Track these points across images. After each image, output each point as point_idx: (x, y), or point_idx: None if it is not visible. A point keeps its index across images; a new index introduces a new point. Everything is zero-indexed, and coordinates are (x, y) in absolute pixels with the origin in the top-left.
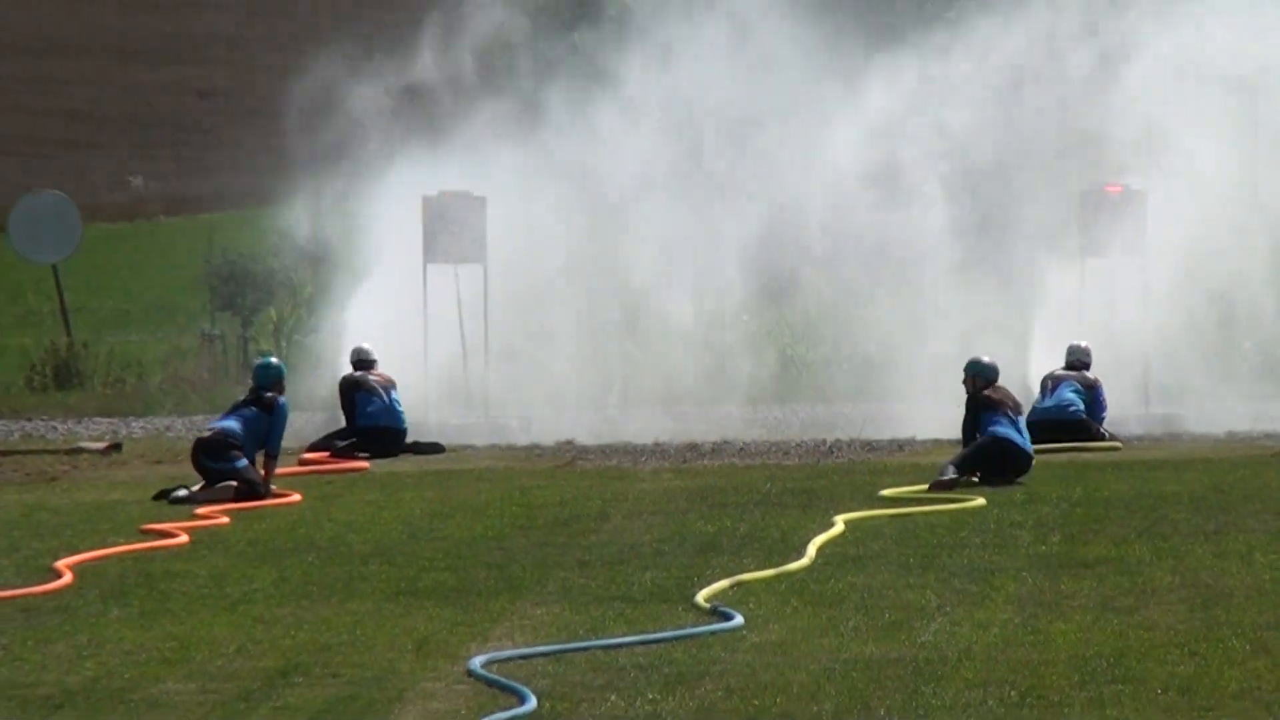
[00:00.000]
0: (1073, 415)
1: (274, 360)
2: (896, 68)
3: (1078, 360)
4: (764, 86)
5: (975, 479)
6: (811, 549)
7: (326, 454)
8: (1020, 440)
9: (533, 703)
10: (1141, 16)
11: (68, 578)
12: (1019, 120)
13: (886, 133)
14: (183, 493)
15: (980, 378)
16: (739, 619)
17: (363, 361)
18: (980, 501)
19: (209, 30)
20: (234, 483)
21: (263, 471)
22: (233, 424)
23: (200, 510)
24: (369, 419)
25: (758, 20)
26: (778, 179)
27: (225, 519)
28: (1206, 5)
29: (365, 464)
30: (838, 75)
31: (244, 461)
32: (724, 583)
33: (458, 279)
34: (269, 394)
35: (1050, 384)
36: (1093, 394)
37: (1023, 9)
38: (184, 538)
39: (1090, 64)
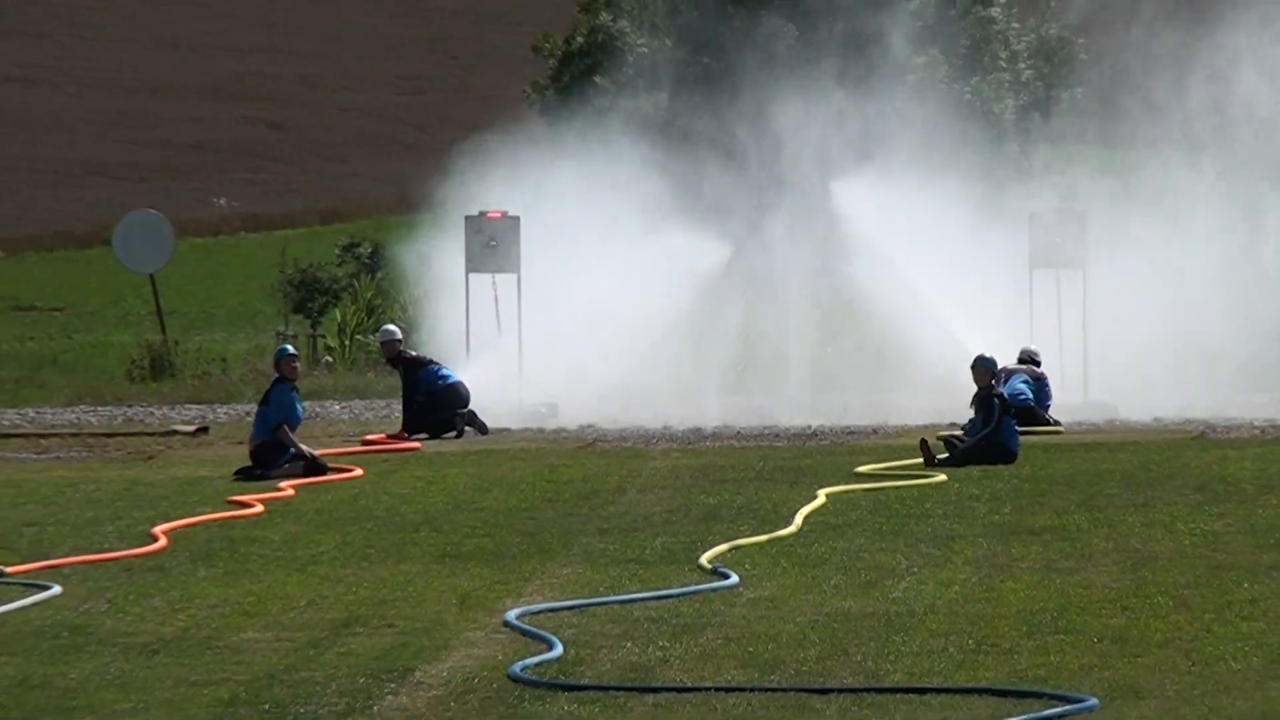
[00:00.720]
0: (1022, 403)
1: (286, 345)
2: None
3: (1028, 357)
4: None
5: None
6: (798, 518)
7: (385, 437)
8: (1015, 441)
9: (559, 649)
10: None
11: (163, 542)
12: None
13: None
14: (258, 471)
15: (990, 371)
16: (735, 578)
17: (400, 340)
18: (942, 478)
19: (279, 72)
20: (301, 462)
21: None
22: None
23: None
24: (444, 379)
25: None
26: None
27: (292, 491)
28: None
29: (417, 445)
30: None
31: (290, 452)
32: (723, 547)
33: (495, 286)
34: (278, 378)
35: (1004, 375)
36: (1040, 386)
37: None
38: (259, 508)
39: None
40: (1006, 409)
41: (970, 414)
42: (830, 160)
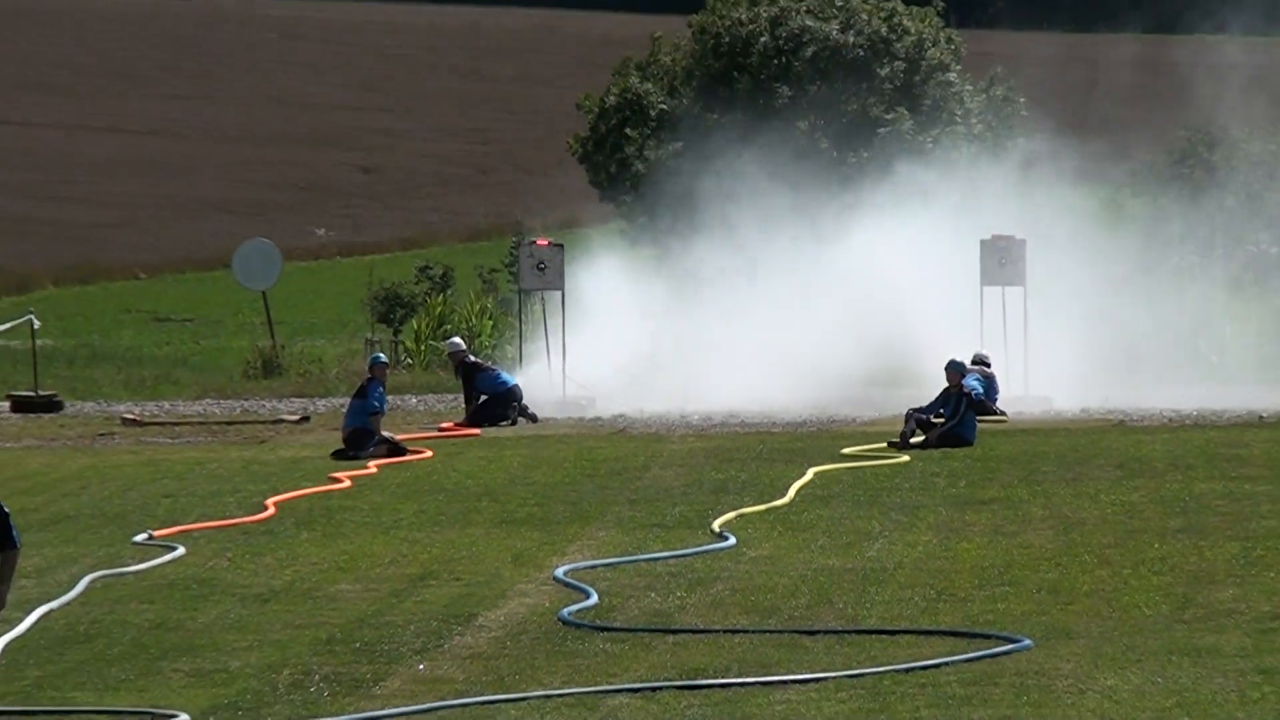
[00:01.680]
0: (975, 397)
1: (379, 354)
2: None
3: (980, 359)
4: None
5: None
6: (792, 491)
7: (453, 424)
8: (972, 431)
9: (595, 598)
10: None
11: (272, 510)
12: None
13: None
14: (350, 453)
15: (959, 373)
16: (733, 540)
17: (465, 350)
18: (906, 459)
19: (368, 125)
20: (385, 445)
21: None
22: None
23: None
24: (503, 384)
25: None
26: None
27: (376, 469)
28: None
29: (477, 430)
30: None
31: (375, 439)
32: (730, 515)
33: (544, 304)
34: (370, 378)
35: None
36: (989, 383)
37: None
38: (348, 483)
39: None
40: (971, 405)
41: (928, 400)
42: (819, 194)
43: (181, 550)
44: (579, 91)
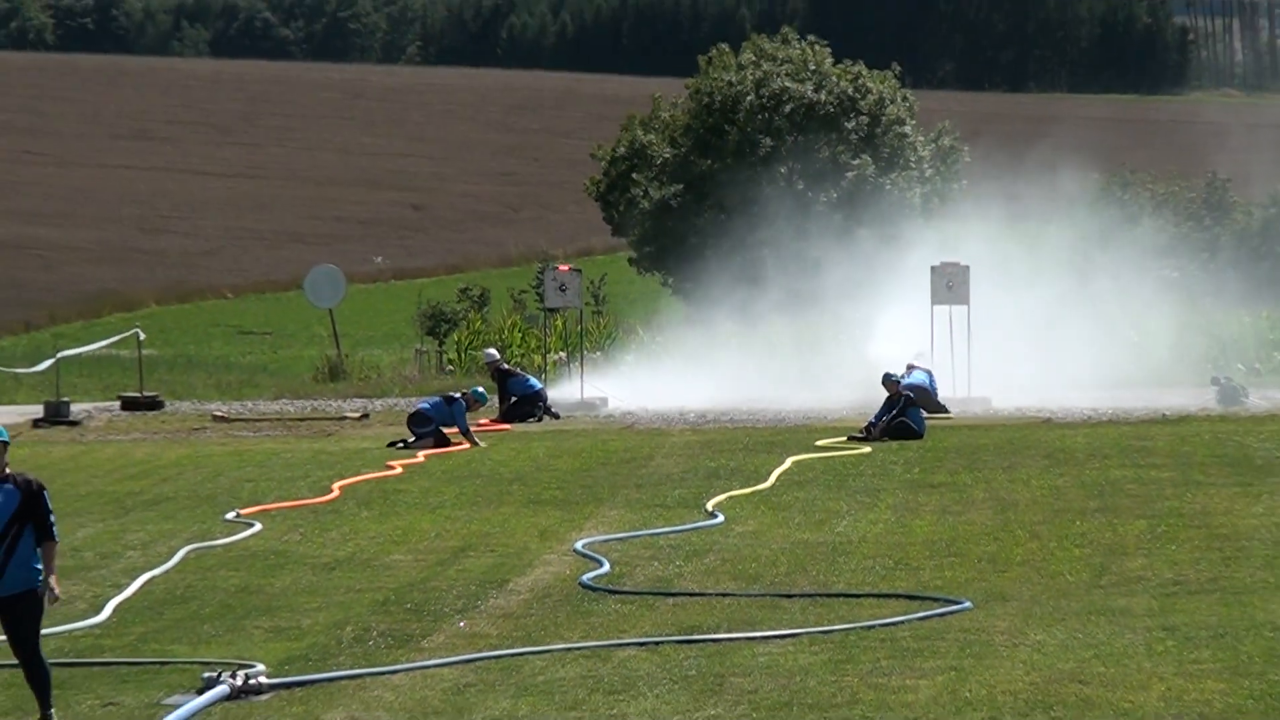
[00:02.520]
0: (920, 387)
1: (478, 388)
2: None
3: (924, 360)
4: None
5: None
6: (773, 476)
7: (489, 421)
8: (921, 425)
9: (607, 566)
10: None
11: (337, 493)
12: None
13: None
14: (402, 443)
15: (895, 382)
16: (720, 518)
17: (499, 359)
18: (868, 450)
19: (418, 170)
20: (432, 438)
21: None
22: (426, 406)
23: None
24: (530, 387)
25: None
26: None
27: (424, 459)
28: None
29: (509, 426)
30: None
31: (428, 429)
32: (721, 497)
33: (565, 320)
34: (454, 395)
35: (908, 370)
36: (931, 378)
37: None
38: (401, 470)
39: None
40: (909, 403)
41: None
42: (797, 228)
43: (259, 526)
44: (593, 142)
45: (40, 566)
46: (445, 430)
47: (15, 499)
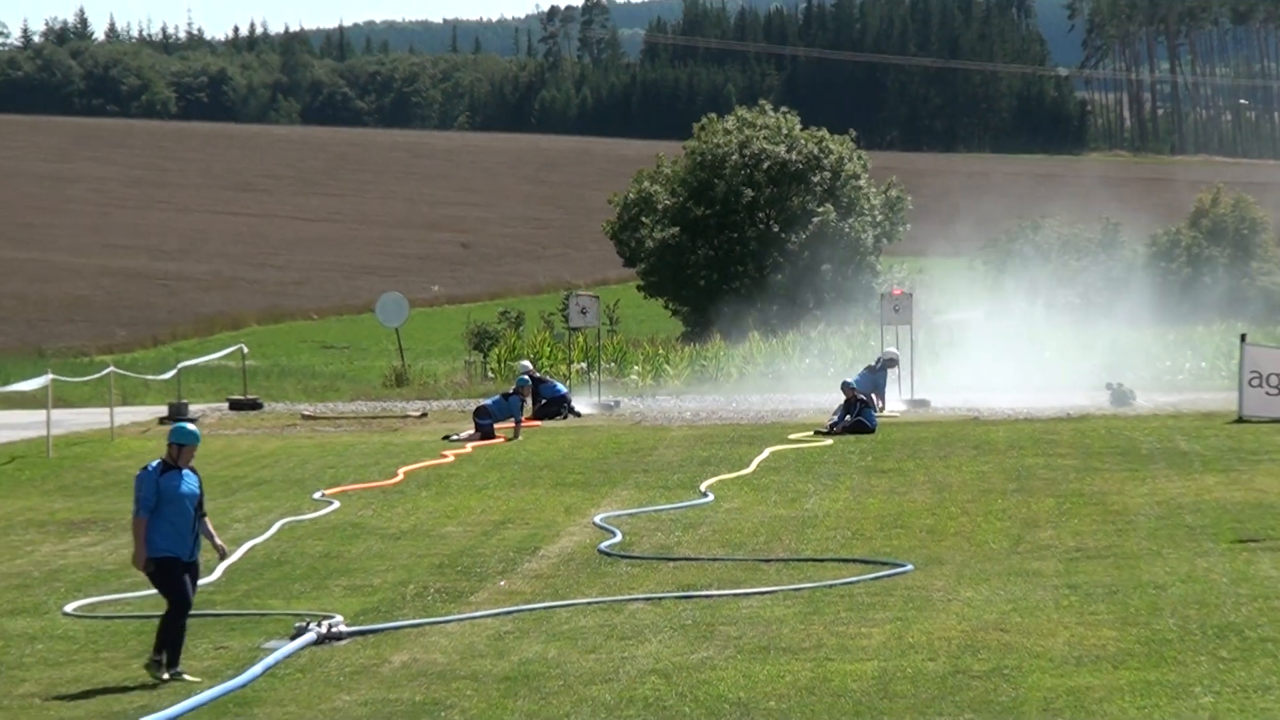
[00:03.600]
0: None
1: (524, 375)
2: None
3: (890, 359)
4: None
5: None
6: (754, 464)
7: (527, 418)
8: (873, 422)
9: (620, 536)
10: None
11: (401, 477)
12: None
13: None
14: (454, 437)
15: (852, 389)
16: (711, 497)
17: (531, 369)
18: (830, 442)
19: (466, 215)
20: (479, 433)
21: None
22: (489, 403)
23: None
24: (558, 391)
25: None
26: None
27: (471, 450)
28: None
29: (539, 423)
30: None
31: (488, 421)
32: (712, 480)
33: (585, 337)
34: (513, 393)
35: (880, 364)
36: (869, 376)
37: None
38: (451, 458)
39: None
40: (866, 405)
41: (837, 407)
42: (772, 263)
43: (338, 504)
44: (608, 192)
45: None
46: (498, 426)
47: (198, 484)
